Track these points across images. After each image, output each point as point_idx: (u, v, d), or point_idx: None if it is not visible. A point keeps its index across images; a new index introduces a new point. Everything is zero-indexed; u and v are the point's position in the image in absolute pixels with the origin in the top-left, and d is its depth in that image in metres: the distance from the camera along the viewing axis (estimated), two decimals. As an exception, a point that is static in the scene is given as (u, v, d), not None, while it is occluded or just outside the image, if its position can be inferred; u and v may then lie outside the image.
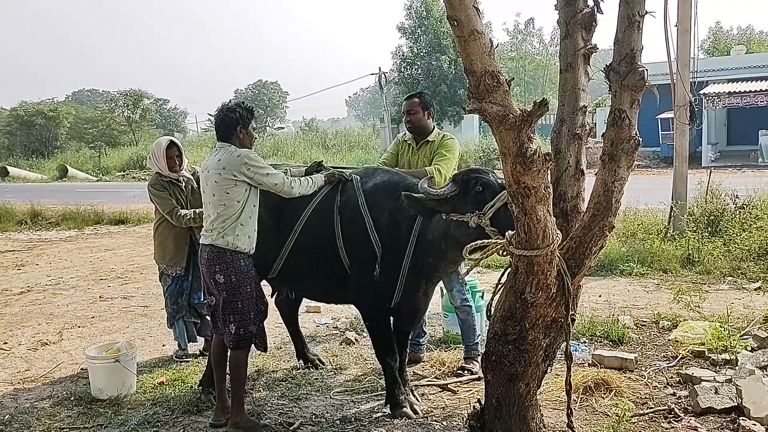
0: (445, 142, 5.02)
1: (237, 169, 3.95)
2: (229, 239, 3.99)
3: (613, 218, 3.39)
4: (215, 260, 4.01)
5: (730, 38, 43.97)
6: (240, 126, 4.09)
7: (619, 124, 3.30)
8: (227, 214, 3.99)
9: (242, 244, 4.03)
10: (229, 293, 4.02)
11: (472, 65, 2.93)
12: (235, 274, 4.01)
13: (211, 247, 4.02)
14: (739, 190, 9.44)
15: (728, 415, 4.03)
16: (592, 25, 3.70)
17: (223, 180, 3.96)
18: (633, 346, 5.51)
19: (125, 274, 9.37)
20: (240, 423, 4.07)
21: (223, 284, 4.02)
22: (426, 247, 4.07)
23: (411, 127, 5.09)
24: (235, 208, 3.99)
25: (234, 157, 3.98)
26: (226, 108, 4.15)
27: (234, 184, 3.97)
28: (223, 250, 4.00)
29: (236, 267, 4.01)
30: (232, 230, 4.00)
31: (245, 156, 3.98)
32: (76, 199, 15.89)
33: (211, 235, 4.03)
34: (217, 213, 4.01)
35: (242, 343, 4.08)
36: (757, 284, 7.26)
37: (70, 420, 4.41)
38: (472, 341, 5.19)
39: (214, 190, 4.01)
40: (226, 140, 4.11)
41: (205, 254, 4.06)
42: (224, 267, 4.00)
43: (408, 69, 38.20)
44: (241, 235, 4.02)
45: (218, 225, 4.00)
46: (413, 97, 5.16)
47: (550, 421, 3.94)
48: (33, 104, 45.03)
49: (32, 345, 6.13)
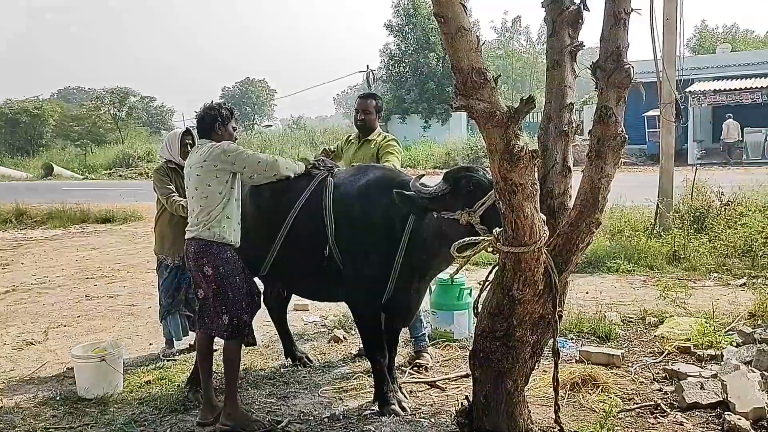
0: (388, 141, 5.24)
1: (218, 159, 4.02)
2: (216, 231, 4.03)
3: (599, 215, 3.41)
4: (202, 252, 4.04)
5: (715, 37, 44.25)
6: (219, 123, 4.18)
7: (605, 122, 3.31)
8: (211, 206, 4.03)
9: (228, 235, 4.08)
10: (219, 284, 4.04)
11: (459, 62, 2.93)
12: (224, 265, 4.04)
13: (198, 240, 4.06)
14: (724, 187, 9.52)
15: (714, 410, 4.06)
16: (578, 22, 3.72)
17: (205, 172, 4.03)
18: (620, 342, 5.54)
19: (111, 273, 9.30)
20: (233, 415, 4.05)
21: (212, 276, 4.04)
22: (419, 244, 4.06)
23: (362, 125, 5.32)
24: (218, 200, 4.04)
25: (214, 149, 4.07)
26: (207, 107, 4.27)
27: (215, 175, 4.02)
28: (210, 242, 4.03)
29: (224, 258, 4.04)
30: (218, 222, 4.04)
31: (224, 145, 4.08)
32: (61, 197, 15.75)
33: (197, 228, 4.07)
34: (200, 206, 4.06)
35: (236, 332, 4.10)
36: (742, 280, 7.33)
37: (55, 419, 4.37)
38: (419, 333, 5.24)
39: (196, 184, 4.07)
40: (206, 137, 4.20)
41: (192, 248, 4.09)
42: (212, 258, 4.03)
43: (396, 66, 38.19)
44: (227, 227, 4.07)
45: (203, 218, 4.04)
46: (370, 97, 5.44)
47: (537, 417, 3.95)
48: (18, 102, 44.46)
49: (17, 344, 6.07)
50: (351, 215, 4.24)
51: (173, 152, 5.35)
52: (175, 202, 5.18)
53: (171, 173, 5.36)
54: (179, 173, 5.33)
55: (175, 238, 5.28)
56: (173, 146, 5.36)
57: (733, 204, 9.01)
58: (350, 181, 4.39)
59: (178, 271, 5.36)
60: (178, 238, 5.28)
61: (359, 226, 4.21)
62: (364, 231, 4.20)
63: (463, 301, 5.72)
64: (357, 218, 4.22)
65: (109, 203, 15.67)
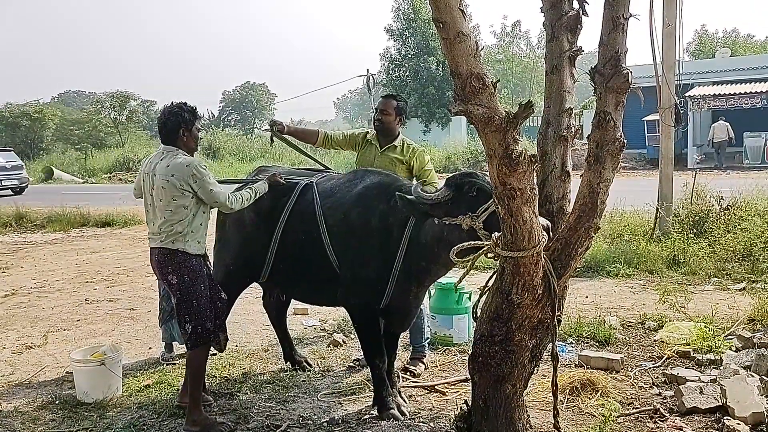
0: (421, 155, 5.06)
1: (184, 179, 3.97)
2: (179, 245, 4.04)
3: (598, 219, 3.42)
4: (166, 262, 4.05)
5: (715, 41, 44.36)
6: (183, 129, 4.10)
7: (604, 126, 3.32)
8: (175, 220, 4.02)
9: (192, 249, 4.08)
10: (183, 293, 4.06)
11: (457, 67, 2.94)
12: (188, 274, 4.05)
13: (161, 249, 4.05)
14: (723, 191, 9.52)
15: (713, 415, 4.06)
16: (577, 27, 3.73)
17: (171, 187, 3.98)
18: (619, 346, 5.54)
19: (111, 277, 9.30)
20: (198, 421, 4.13)
21: (176, 285, 4.05)
22: (418, 249, 4.05)
23: (379, 126, 5.05)
24: (183, 215, 4.02)
25: (183, 167, 3.99)
26: (168, 110, 4.14)
27: (181, 193, 3.99)
28: (174, 251, 4.04)
29: (188, 267, 4.05)
30: (183, 236, 4.04)
31: (193, 167, 4.00)
32: (61, 201, 15.73)
33: (160, 237, 4.06)
34: (164, 217, 4.03)
35: (200, 341, 4.13)
36: (741, 285, 7.32)
37: (54, 423, 4.37)
38: (419, 343, 5.22)
39: (160, 195, 4.02)
40: (171, 143, 4.11)
41: (155, 256, 4.10)
42: (176, 267, 4.04)
43: (396, 71, 38.31)
44: (191, 241, 4.07)
45: (166, 229, 4.03)
46: (391, 98, 5.15)
47: (536, 422, 3.95)
48: (18, 105, 44.55)
49: (17, 348, 6.07)
50: (349, 220, 4.24)
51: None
52: None
53: None
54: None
55: None
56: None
57: (733, 208, 9.00)
58: (348, 186, 4.40)
59: None
60: None
61: (357, 231, 4.22)
62: (362, 236, 4.20)
63: (462, 305, 5.72)
64: (355, 223, 4.23)
65: (109, 207, 15.67)
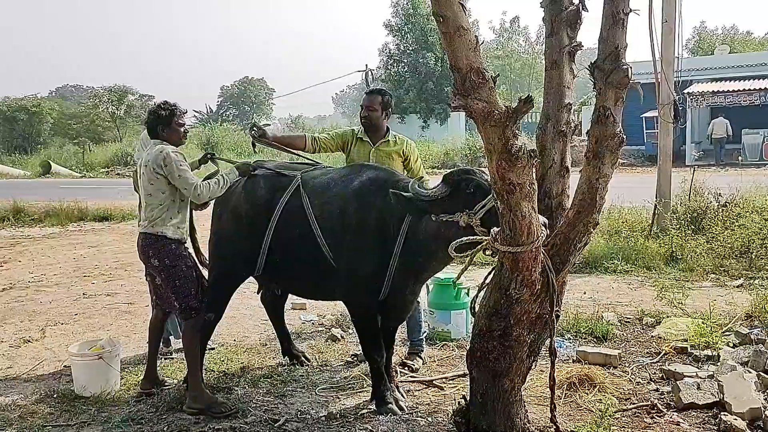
0: (414, 148, 5.13)
1: (157, 164, 4.26)
2: (159, 228, 4.32)
3: (597, 215, 3.42)
4: (148, 246, 4.36)
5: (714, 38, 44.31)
6: (161, 126, 4.41)
7: (603, 122, 3.32)
8: (154, 204, 4.32)
9: (169, 233, 4.34)
10: (167, 274, 4.36)
11: (457, 62, 2.94)
12: (168, 257, 4.33)
13: (144, 234, 4.38)
14: (722, 188, 9.53)
15: (710, 410, 4.07)
16: (577, 22, 3.73)
17: (149, 172, 4.30)
18: (617, 342, 5.55)
19: (109, 271, 9.29)
20: (198, 397, 4.30)
21: (158, 267, 4.36)
22: (415, 245, 4.05)
23: (367, 123, 5.04)
24: (160, 200, 4.32)
25: (157, 153, 4.29)
26: (149, 110, 4.59)
27: (156, 177, 4.28)
28: (154, 236, 4.33)
29: (167, 251, 4.33)
30: (162, 221, 4.32)
31: (164, 153, 4.27)
32: (59, 195, 15.72)
33: (144, 222, 4.39)
34: (146, 202, 4.37)
35: (186, 314, 4.41)
36: (738, 281, 7.34)
37: (52, 417, 4.37)
38: (417, 338, 5.24)
39: (143, 182, 4.37)
40: (155, 138, 4.45)
41: (140, 240, 4.41)
42: (156, 251, 4.33)
43: (395, 66, 38.23)
44: (169, 225, 4.34)
45: (148, 214, 4.34)
46: (376, 93, 5.16)
47: (534, 417, 3.95)
48: (16, 100, 44.39)
49: (14, 342, 6.07)
50: (346, 215, 4.24)
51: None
52: None
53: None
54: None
55: None
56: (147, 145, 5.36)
57: (731, 205, 9.02)
58: (345, 181, 4.39)
59: None
60: None
61: (355, 226, 4.21)
62: (359, 231, 4.20)
63: (460, 300, 5.73)
64: (352, 218, 4.22)
65: (107, 201, 15.65)
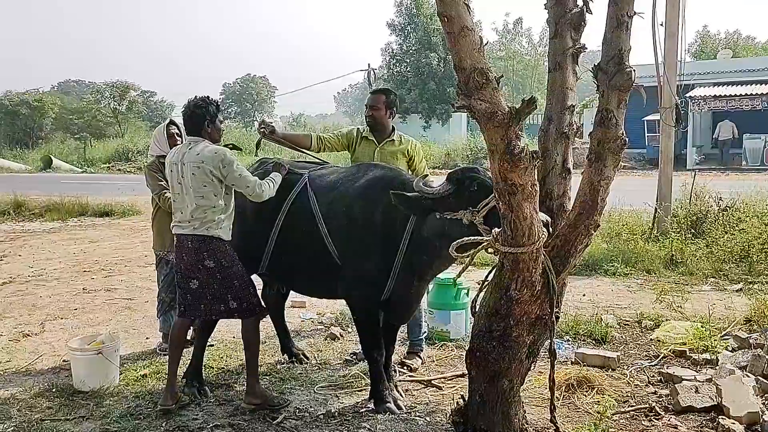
0: (418, 147, 5.16)
1: (213, 165, 4.11)
2: (214, 231, 4.18)
3: (598, 217, 3.42)
4: (202, 248, 4.17)
5: (717, 42, 44.33)
6: (207, 122, 4.25)
7: (606, 124, 3.32)
8: (207, 206, 4.16)
9: (224, 234, 4.23)
10: (223, 275, 4.20)
11: (461, 62, 2.94)
12: (224, 258, 4.20)
13: (196, 236, 4.17)
14: (722, 192, 9.53)
15: (708, 414, 4.08)
16: (581, 24, 3.73)
17: (202, 174, 4.13)
18: (616, 344, 5.55)
19: (109, 267, 9.29)
20: (258, 393, 4.28)
21: (213, 268, 4.18)
22: (420, 244, 4.05)
23: (371, 122, 5.08)
24: (214, 202, 4.17)
25: (212, 154, 4.14)
26: (193, 104, 4.29)
27: (211, 180, 4.14)
28: (209, 238, 4.17)
29: (223, 251, 4.21)
30: (216, 223, 4.18)
31: (222, 154, 4.15)
32: (60, 190, 15.71)
33: (192, 225, 4.18)
34: (196, 204, 4.16)
35: (246, 313, 4.28)
36: (738, 286, 7.34)
37: (51, 411, 4.37)
38: (416, 337, 5.25)
39: (191, 182, 4.15)
40: (197, 134, 4.26)
41: (189, 242, 4.20)
42: (212, 252, 4.17)
43: (397, 66, 38.24)
44: (224, 227, 4.23)
45: (199, 215, 4.16)
46: (380, 92, 5.19)
47: (532, 418, 3.96)
48: (18, 94, 44.38)
49: (14, 336, 6.07)
50: (352, 213, 4.25)
51: (162, 146, 5.36)
52: (168, 199, 5.15)
53: (163, 167, 5.31)
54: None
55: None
56: (161, 140, 5.40)
57: (731, 210, 9.02)
58: (351, 179, 4.40)
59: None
60: None
61: (360, 225, 4.22)
62: (364, 230, 4.21)
63: (460, 300, 5.73)
64: (358, 216, 4.23)
65: (108, 197, 15.65)
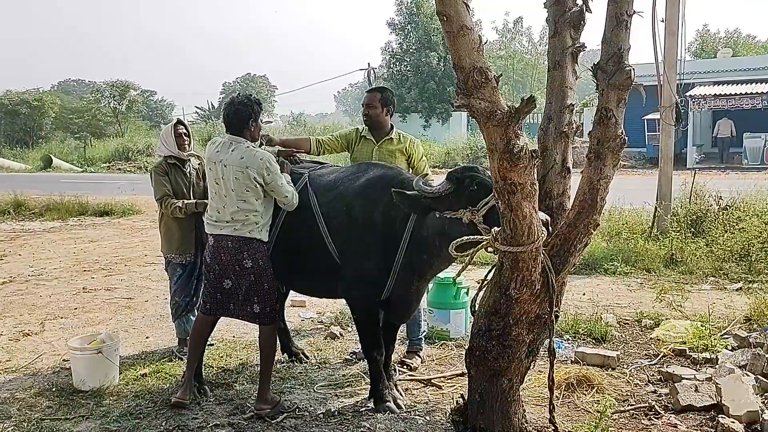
0: (418, 145, 5.12)
1: (258, 171, 4.13)
2: (255, 233, 4.22)
3: (598, 216, 3.42)
4: (242, 248, 4.20)
5: (717, 41, 44.27)
6: (252, 120, 4.25)
7: (605, 123, 3.33)
8: (248, 210, 4.18)
9: (263, 236, 4.27)
10: (257, 276, 4.23)
11: (460, 61, 2.94)
12: (262, 258, 4.25)
13: (236, 237, 4.20)
14: (722, 191, 9.54)
15: (708, 413, 4.08)
16: (580, 23, 3.73)
17: (245, 178, 4.14)
18: (615, 344, 5.56)
19: (109, 266, 9.30)
20: (269, 399, 4.26)
21: (250, 268, 4.21)
22: (420, 243, 4.06)
23: (367, 121, 5.08)
24: (257, 206, 4.19)
25: (258, 159, 4.14)
26: (238, 102, 4.28)
27: (254, 186, 4.15)
28: (249, 239, 4.20)
29: (261, 252, 4.25)
30: (257, 226, 4.22)
31: (267, 161, 4.16)
32: (60, 189, 15.69)
33: (233, 225, 4.19)
34: (237, 207, 4.17)
35: (267, 319, 4.29)
36: (738, 285, 7.34)
37: (50, 410, 4.37)
38: (416, 336, 5.26)
39: (233, 185, 4.16)
40: (239, 133, 4.24)
41: (229, 242, 4.21)
42: (252, 253, 4.21)
43: (397, 65, 38.20)
44: (263, 229, 4.27)
45: (241, 218, 4.18)
46: (375, 91, 5.19)
47: (532, 417, 3.96)
48: (18, 93, 44.34)
49: (14, 335, 6.07)
50: (352, 212, 4.25)
51: (170, 147, 5.29)
52: (172, 204, 5.13)
53: (170, 169, 5.29)
54: (179, 168, 5.32)
55: (183, 238, 5.23)
56: (169, 141, 5.31)
57: (731, 208, 9.03)
58: (351, 179, 4.40)
59: (194, 268, 5.22)
60: (185, 237, 5.24)
61: (359, 224, 4.22)
62: (364, 229, 4.21)
63: (459, 300, 5.73)
64: (358, 216, 4.23)
65: (108, 196, 15.65)
